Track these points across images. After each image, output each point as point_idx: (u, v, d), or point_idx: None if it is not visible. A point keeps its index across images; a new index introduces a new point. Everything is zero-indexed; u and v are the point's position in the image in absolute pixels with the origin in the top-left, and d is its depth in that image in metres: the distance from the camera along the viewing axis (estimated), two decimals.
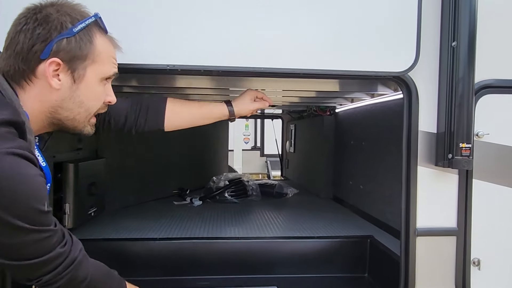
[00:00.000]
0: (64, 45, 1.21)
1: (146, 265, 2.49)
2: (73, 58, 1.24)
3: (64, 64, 1.22)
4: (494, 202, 2.15)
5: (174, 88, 2.97)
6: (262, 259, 2.56)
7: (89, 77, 1.31)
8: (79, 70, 1.27)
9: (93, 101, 1.36)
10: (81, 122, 1.35)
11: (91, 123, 1.40)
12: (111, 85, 1.43)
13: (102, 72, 1.34)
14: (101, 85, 1.37)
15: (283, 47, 1.91)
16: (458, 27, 1.95)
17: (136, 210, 3.57)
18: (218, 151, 5.70)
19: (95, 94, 1.36)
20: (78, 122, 1.34)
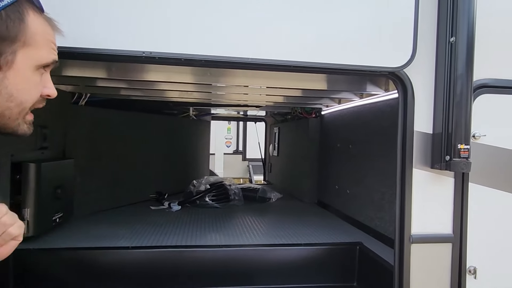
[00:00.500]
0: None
1: (117, 277, 2.26)
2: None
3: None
4: (491, 207, 2.04)
5: (150, 82, 2.75)
6: (246, 268, 2.37)
7: (20, 63, 1.05)
8: (6, 54, 1.01)
9: (27, 93, 1.09)
10: (13, 119, 1.08)
11: (27, 121, 1.13)
12: (51, 75, 1.19)
13: (37, 58, 1.08)
14: (36, 74, 1.10)
15: (274, 38, 1.75)
16: (457, 22, 1.84)
17: (108, 216, 3.31)
18: (199, 154, 5.48)
19: (29, 85, 1.09)
20: (8, 120, 1.08)
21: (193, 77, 2.61)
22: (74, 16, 1.55)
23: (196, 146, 5.34)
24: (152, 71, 2.41)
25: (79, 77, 2.56)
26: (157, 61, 1.69)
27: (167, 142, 4.40)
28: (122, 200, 3.74)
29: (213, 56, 1.69)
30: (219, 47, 1.70)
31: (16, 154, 2.34)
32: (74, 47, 1.55)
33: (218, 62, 1.72)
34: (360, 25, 1.83)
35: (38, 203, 2.41)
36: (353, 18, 1.82)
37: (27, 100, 1.11)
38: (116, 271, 2.25)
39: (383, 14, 1.85)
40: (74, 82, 2.88)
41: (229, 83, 2.88)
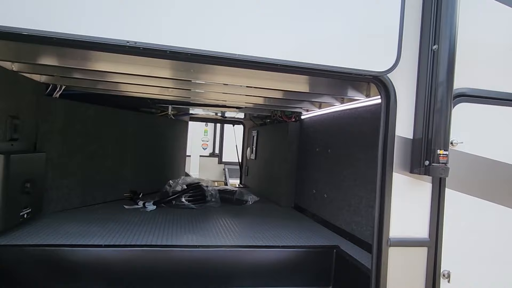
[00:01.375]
0: None
1: (88, 276, 2.15)
2: None
3: None
4: (466, 213, 2.10)
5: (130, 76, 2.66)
6: (223, 269, 2.32)
7: None
8: None
9: None
10: None
11: None
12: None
13: None
14: None
15: (262, 36, 1.73)
16: (440, 30, 1.89)
17: (79, 214, 3.16)
18: (175, 154, 5.37)
19: None
20: None
21: (174, 73, 2.55)
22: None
23: (173, 146, 5.24)
24: (133, 64, 2.33)
25: (55, 66, 2.45)
26: (141, 52, 1.63)
27: (144, 141, 4.29)
28: (95, 198, 3.59)
29: (199, 50, 1.66)
30: (205, 42, 1.66)
31: None
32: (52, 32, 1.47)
33: (204, 56, 1.68)
34: (347, 29, 1.86)
35: (5, 197, 2.27)
36: (340, 22, 1.84)
37: None
38: (88, 270, 2.14)
39: (370, 20, 1.88)
40: (49, 72, 2.74)
41: (211, 80, 2.82)
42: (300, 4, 1.77)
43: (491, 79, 2.15)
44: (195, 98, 3.87)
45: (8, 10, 1.44)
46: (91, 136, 3.49)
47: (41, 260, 2.10)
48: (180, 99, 3.96)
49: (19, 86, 2.66)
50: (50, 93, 3.14)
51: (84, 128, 3.41)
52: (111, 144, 3.77)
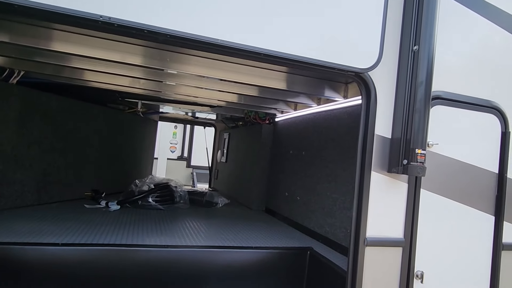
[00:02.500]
0: None
1: (40, 277, 1.94)
2: None
3: None
4: (439, 214, 2.12)
5: (98, 61, 2.43)
6: (192, 270, 2.19)
7: None
8: None
9: None
10: None
11: None
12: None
13: None
14: None
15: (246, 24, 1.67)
16: (421, 32, 1.91)
17: (34, 211, 2.90)
18: (143, 154, 5.14)
19: None
20: None
21: (148, 61, 2.41)
22: None
23: (140, 146, 5.01)
24: (104, 48, 2.16)
25: (12, 44, 2.18)
26: (116, 29, 1.50)
27: (109, 138, 4.06)
28: (52, 196, 3.33)
29: (181, 32, 1.55)
30: (187, 25, 1.56)
31: None
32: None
33: (185, 39, 1.58)
34: (330, 23, 1.83)
35: None
36: (325, 18, 1.82)
37: None
38: (41, 270, 1.93)
39: (353, 17, 1.86)
40: (5, 52, 2.48)
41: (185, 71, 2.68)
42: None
43: (466, 85, 2.21)
44: (166, 93, 3.70)
45: None
46: (51, 129, 3.24)
47: None
48: (150, 94, 3.78)
49: None
50: (6, 79, 2.88)
51: (44, 119, 3.16)
52: (73, 139, 3.52)
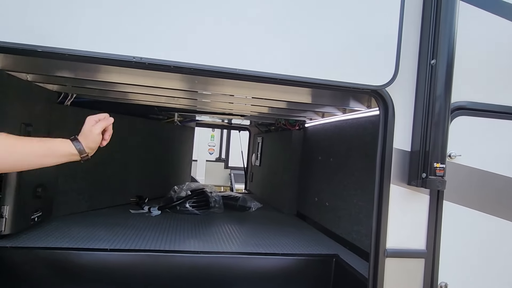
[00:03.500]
0: None
1: (92, 279, 2.22)
2: None
3: None
4: (463, 225, 2.13)
5: (137, 86, 2.76)
6: (221, 276, 2.38)
7: None
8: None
9: None
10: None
11: None
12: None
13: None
14: None
15: (261, 51, 1.80)
16: (438, 45, 1.94)
17: (87, 217, 3.25)
18: (181, 160, 5.46)
19: None
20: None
21: (181, 84, 2.64)
22: (65, 16, 1.56)
23: (179, 152, 5.32)
24: (141, 75, 2.42)
25: (67, 77, 2.55)
26: (147, 66, 1.71)
27: (150, 146, 4.38)
28: (102, 203, 3.68)
29: (201, 65, 1.73)
30: (207, 57, 1.73)
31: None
32: (65, 48, 1.57)
33: (205, 71, 1.76)
34: (345, 43, 1.91)
35: (17, 201, 2.36)
36: (339, 36, 1.90)
37: None
38: (93, 273, 2.22)
39: (368, 34, 1.93)
40: (62, 82, 2.86)
41: (215, 91, 2.92)
42: (297, 19, 1.84)
43: (490, 93, 2.18)
44: (202, 107, 3.97)
45: (25, 29, 1.53)
46: None
47: (49, 263, 2.18)
48: (187, 107, 4.06)
49: (33, 95, 2.77)
50: (62, 101, 3.25)
51: None
52: (118, 149, 3.86)
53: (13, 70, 2.37)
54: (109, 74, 2.40)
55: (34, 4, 1.53)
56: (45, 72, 2.50)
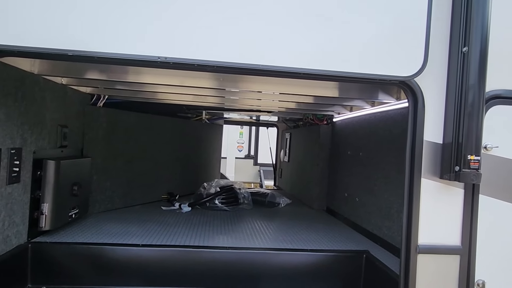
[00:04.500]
0: None
1: (126, 273, 2.32)
2: None
3: None
4: (502, 219, 2.02)
5: (165, 86, 2.83)
6: (251, 271, 2.40)
7: None
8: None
9: None
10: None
11: None
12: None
13: None
14: None
15: (286, 46, 1.79)
16: (470, 32, 1.84)
17: (121, 214, 3.39)
18: (211, 157, 5.55)
19: None
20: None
21: (208, 82, 2.67)
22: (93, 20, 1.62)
23: (208, 149, 5.41)
24: (168, 75, 2.48)
25: (99, 79, 2.67)
26: (172, 66, 1.75)
27: (180, 144, 4.48)
28: (135, 200, 3.82)
29: (225, 62, 1.74)
30: (230, 54, 1.74)
31: (38, 151, 2.43)
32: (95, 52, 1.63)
33: (229, 68, 1.77)
34: (371, 33, 1.85)
35: (56, 199, 2.50)
36: (365, 27, 1.84)
37: None
38: (126, 267, 2.31)
39: (395, 23, 1.86)
40: (94, 84, 2.99)
41: (243, 88, 2.94)
42: (322, 12, 1.80)
43: None
44: (230, 104, 4.01)
45: (56, 34, 1.61)
46: (131, 141, 3.72)
47: (85, 257, 2.30)
48: (214, 105, 4.12)
49: (67, 98, 2.91)
50: (95, 102, 3.40)
51: (125, 133, 3.65)
52: (149, 148, 3.98)
53: (48, 74, 2.51)
54: (138, 75, 2.48)
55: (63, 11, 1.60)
56: (78, 75, 2.62)
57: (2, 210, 2.06)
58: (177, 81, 2.57)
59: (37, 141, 2.43)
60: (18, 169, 2.16)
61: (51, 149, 2.69)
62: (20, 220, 2.26)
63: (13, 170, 2.11)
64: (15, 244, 2.20)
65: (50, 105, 2.60)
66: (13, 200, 2.15)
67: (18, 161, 2.16)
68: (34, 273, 2.26)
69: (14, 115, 2.13)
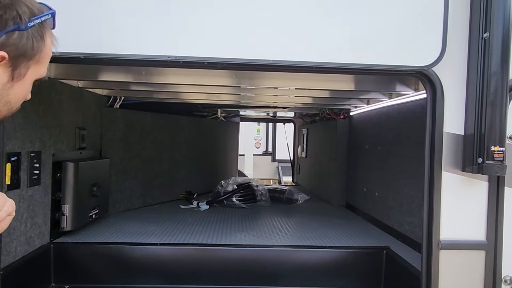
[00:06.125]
0: (15, 38, 1.04)
1: (145, 271, 2.34)
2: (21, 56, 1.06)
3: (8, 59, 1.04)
4: None
5: (179, 85, 2.84)
6: (269, 268, 2.38)
7: (28, 77, 1.11)
8: (21, 68, 1.08)
9: (19, 101, 1.16)
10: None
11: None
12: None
13: (40, 73, 1.15)
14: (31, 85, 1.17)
15: (296, 39, 1.75)
16: (491, 16, 1.75)
17: (140, 213, 3.44)
18: (228, 155, 5.56)
19: (24, 94, 1.16)
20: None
21: (222, 80, 2.66)
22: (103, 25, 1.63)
23: (225, 147, 5.42)
24: (179, 74, 2.49)
25: (113, 81, 2.70)
26: (182, 64, 1.75)
27: (196, 143, 4.51)
28: (154, 199, 3.87)
29: (234, 59, 1.72)
30: (239, 51, 1.72)
31: (57, 153, 2.49)
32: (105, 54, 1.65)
33: (239, 64, 1.75)
34: (386, 22, 1.79)
35: (76, 200, 2.56)
36: (380, 15, 1.78)
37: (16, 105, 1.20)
38: (145, 266, 2.34)
39: (411, 11, 1.79)
40: (110, 86, 3.04)
41: (258, 85, 2.91)
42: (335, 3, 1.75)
43: None
44: (245, 101, 4.00)
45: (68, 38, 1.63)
46: (148, 141, 3.76)
47: (105, 256, 2.35)
48: (230, 103, 4.12)
49: (84, 100, 2.97)
50: (111, 104, 3.45)
51: (142, 134, 3.70)
52: (166, 147, 4.02)
53: (64, 78, 2.56)
54: (150, 76, 2.49)
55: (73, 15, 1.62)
56: (93, 78, 2.66)
57: (24, 212, 2.12)
58: (191, 80, 2.57)
59: (56, 144, 2.49)
60: (38, 171, 2.21)
61: (70, 151, 2.75)
62: (42, 222, 2.33)
63: (33, 173, 2.17)
64: (38, 244, 2.27)
65: (68, 108, 2.65)
66: (34, 202, 2.21)
67: (38, 164, 2.22)
68: (57, 273, 2.32)
69: (32, 119, 2.18)
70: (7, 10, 1.02)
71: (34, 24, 1.07)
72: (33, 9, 1.09)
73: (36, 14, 1.10)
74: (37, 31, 1.09)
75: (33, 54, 1.09)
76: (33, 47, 1.08)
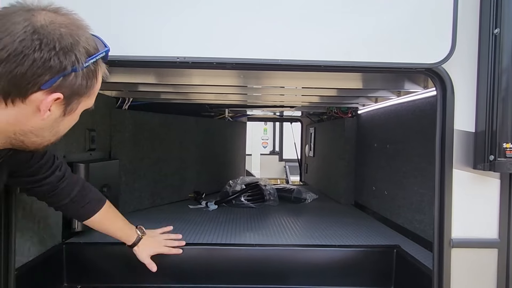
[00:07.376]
0: (71, 80, 1.08)
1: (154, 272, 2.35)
2: (74, 94, 1.11)
3: (63, 98, 1.10)
4: None
5: (187, 86, 2.86)
6: (278, 268, 2.38)
7: (78, 111, 1.19)
8: (73, 104, 1.15)
9: (67, 130, 1.24)
10: (43, 146, 1.23)
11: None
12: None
13: (88, 105, 1.23)
14: (79, 115, 1.24)
15: (305, 39, 1.75)
16: (502, 12, 1.73)
17: (149, 214, 3.46)
18: (235, 155, 5.57)
19: (71, 124, 1.24)
20: (41, 147, 1.22)
21: (228, 80, 2.67)
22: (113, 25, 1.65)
23: (232, 147, 5.43)
24: (188, 75, 2.50)
25: (122, 82, 2.72)
26: (191, 65, 1.76)
27: (204, 143, 4.52)
28: (163, 199, 3.89)
29: (244, 59, 1.73)
30: (248, 51, 1.73)
31: (67, 155, 2.52)
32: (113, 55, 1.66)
33: (248, 64, 1.76)
34: (396, 20, 1.78)
35: None
36: (389, 13, 1.77)
37: (63, 133, 1.25)
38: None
39: (420, 8, 1.78)
40: (118, 88, 3.06)
41: (265, 84, 2.92)
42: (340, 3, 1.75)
43: None
44: (252, 101, 4.01)
45: None
46: (156, 142, 3.79)
47: (117, 256, 2.36)
48: (237, 103, 4.13)
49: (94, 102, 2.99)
50: (120, 105, 3.48)
51: (151, 135, 3.72)
52: (175, 148, 4.04)
53: None
54: (158, 77, 2.51)
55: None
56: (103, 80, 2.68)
57: (36, 213, 2.15)
58: (199, 81, 2.58)
59: (66, 145, 2.52)
60: None
61: (80, 152, 2.78)
62: (54, 222, 2.36)
63: None
64: (50, 245, 2.30)
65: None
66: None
67: None
68: (69, 273, 2.34)
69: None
70: (67, 55, 1.04)
71: (89, 64, 1.10)
72: (89, 48, 1.13)
73: (92, 53, 1.13)
74: (91, 69, 1.13)
75: (85, 92, 1.14)
76: (87, 86, 1.13)
